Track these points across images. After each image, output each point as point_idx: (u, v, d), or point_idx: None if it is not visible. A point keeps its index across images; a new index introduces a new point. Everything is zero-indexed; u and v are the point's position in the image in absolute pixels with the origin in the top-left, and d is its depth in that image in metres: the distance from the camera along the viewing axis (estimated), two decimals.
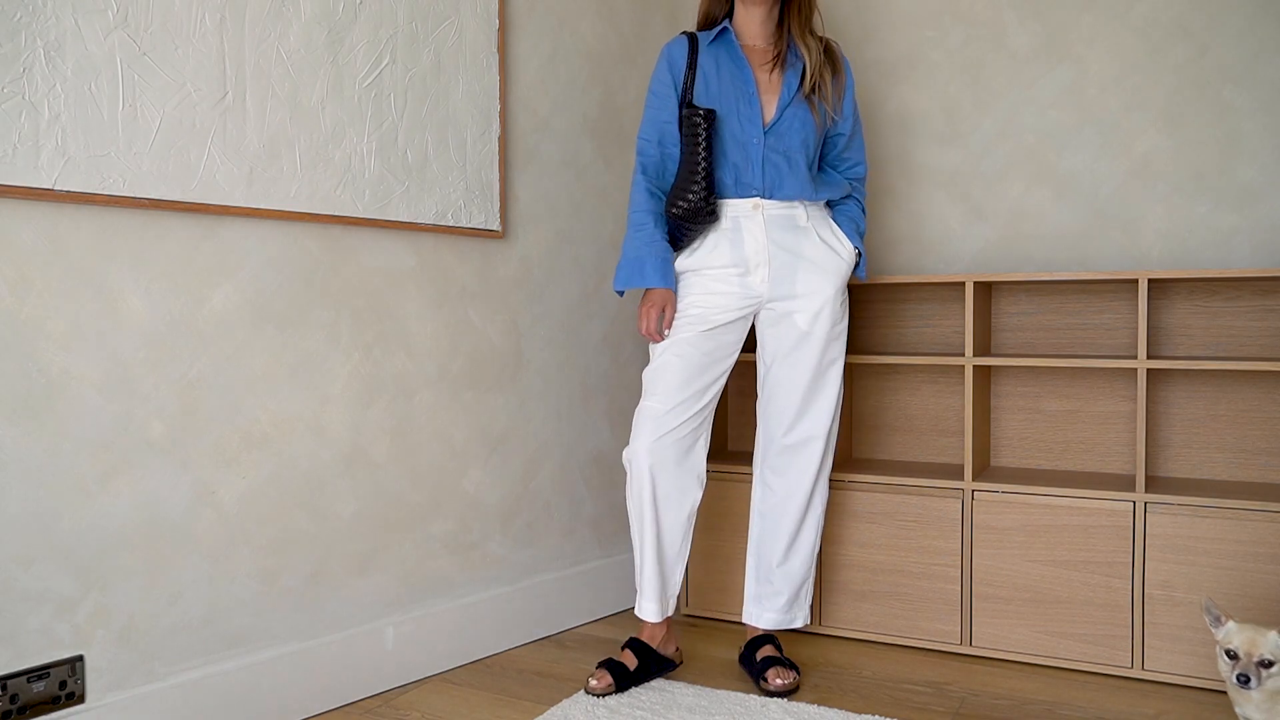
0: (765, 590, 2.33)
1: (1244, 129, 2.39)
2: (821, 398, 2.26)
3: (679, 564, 2.25)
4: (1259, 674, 1.68)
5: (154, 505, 1.78)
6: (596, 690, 2.13)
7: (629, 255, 2.19)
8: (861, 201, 2.36)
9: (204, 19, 1.81)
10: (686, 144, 2.16)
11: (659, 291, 2.18)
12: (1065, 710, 2.08)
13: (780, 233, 2.20)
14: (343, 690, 2.09)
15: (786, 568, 2.31)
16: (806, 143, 2.21)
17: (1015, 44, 2.65)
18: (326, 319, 2.06)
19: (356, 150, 2.08)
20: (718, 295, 2.18)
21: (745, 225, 2.19)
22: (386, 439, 2.18)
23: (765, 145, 2.18)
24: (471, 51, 2.32)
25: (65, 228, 1.65)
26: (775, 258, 2.19)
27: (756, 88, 2.20)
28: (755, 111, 2.18)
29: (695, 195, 2.13)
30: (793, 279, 2.20)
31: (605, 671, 2.15)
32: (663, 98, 2.22)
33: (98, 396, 1.70)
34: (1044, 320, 2.61)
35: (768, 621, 2.32)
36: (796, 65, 2.23)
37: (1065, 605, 2.30)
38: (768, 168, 2.18)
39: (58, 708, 1.66)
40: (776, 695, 2.14)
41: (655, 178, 2.22)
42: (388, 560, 2.19)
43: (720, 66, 2.21)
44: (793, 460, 2.28)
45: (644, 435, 2.16)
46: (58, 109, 1.62)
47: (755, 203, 2.18)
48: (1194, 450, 2.44)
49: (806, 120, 2.21)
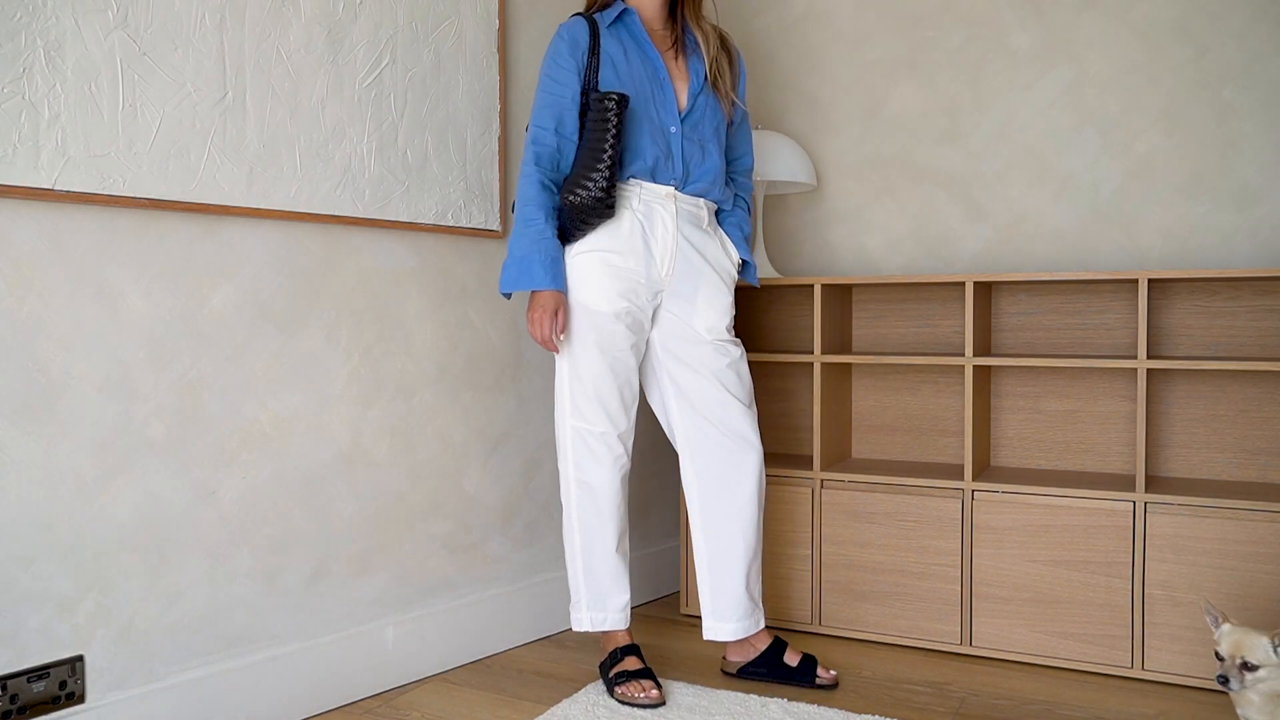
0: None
1: (1244, 129, 2.39)
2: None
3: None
4: (1240, 677, 1.68)
5: (154, 505, 1.78)
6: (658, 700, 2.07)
7: (515, 254, 2.03)
8: (748, 200, 2.32)
9: (204, 19, 1.81)
10: (593, 130, 2.02)
11: (549, 294, 2.04)
12: (1065, 710, 2.08)
13: (688, 228, 2.14)
14: (343, 690, 2.09)
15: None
16: (718, 131, 2.17)
17: (1015, 44, 2.65)
18: (326, 319, 2.06)
19: (356, 150, 2.08)
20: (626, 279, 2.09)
21: (657, 213, 2.10)
22: (386, 439, 2.18)
23: (682, 134, 2.12)
24: (471, 51, 2.32)
25: (65, 228, 1.65)
26: (681, 253, 2.13)
27: (668, 74, 2.12)
28: (670, 99, 2.11)
29: (595, 185, 1.99)
30: (695, 285, 2.15)
31: (650, 681, 2.10)
32: (563, 82, 2.06)
33: (98, 396, 1.70)
34: (1044, 320, 2.61)
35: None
36: (696, 52, 2.17)
37: (1065, 605, 2.30)
38: (686, 157, 2.12)
39: (58, 708, 1.66)
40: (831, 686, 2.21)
41: (549, 169, 2.06)
42: (388, 560, 2.19)
43: (627, 51, 2.11)
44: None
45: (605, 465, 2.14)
46: (58, 109, 1.62)
47: (669, 192, 2.11)
48: (1194, 450, 2.44)
49: (716, 108, 2.17)
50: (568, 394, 2.14)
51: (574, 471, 2.16)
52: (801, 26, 2.95)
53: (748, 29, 3.02)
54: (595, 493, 2.16)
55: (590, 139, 2.02)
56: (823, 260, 2.93)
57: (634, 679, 2.10)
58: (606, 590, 2.20)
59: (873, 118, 2.84)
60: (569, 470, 2.17)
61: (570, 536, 2.20)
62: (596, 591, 2.20)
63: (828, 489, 2.56)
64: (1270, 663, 1.67)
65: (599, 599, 2.20)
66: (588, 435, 2.14)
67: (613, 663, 2.16)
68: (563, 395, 2.15)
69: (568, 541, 2.21)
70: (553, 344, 2.07)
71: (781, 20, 2.97)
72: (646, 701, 2.06)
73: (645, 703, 2.06)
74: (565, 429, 2.15)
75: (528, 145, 2.07)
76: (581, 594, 2.21)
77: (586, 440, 2.14)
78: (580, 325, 2.09)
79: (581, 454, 2.15)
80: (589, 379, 2.11)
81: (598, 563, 2.18)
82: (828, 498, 2.56)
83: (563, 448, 2.17)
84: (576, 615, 2.22)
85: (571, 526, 2.19)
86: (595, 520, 2.17)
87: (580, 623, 2.21)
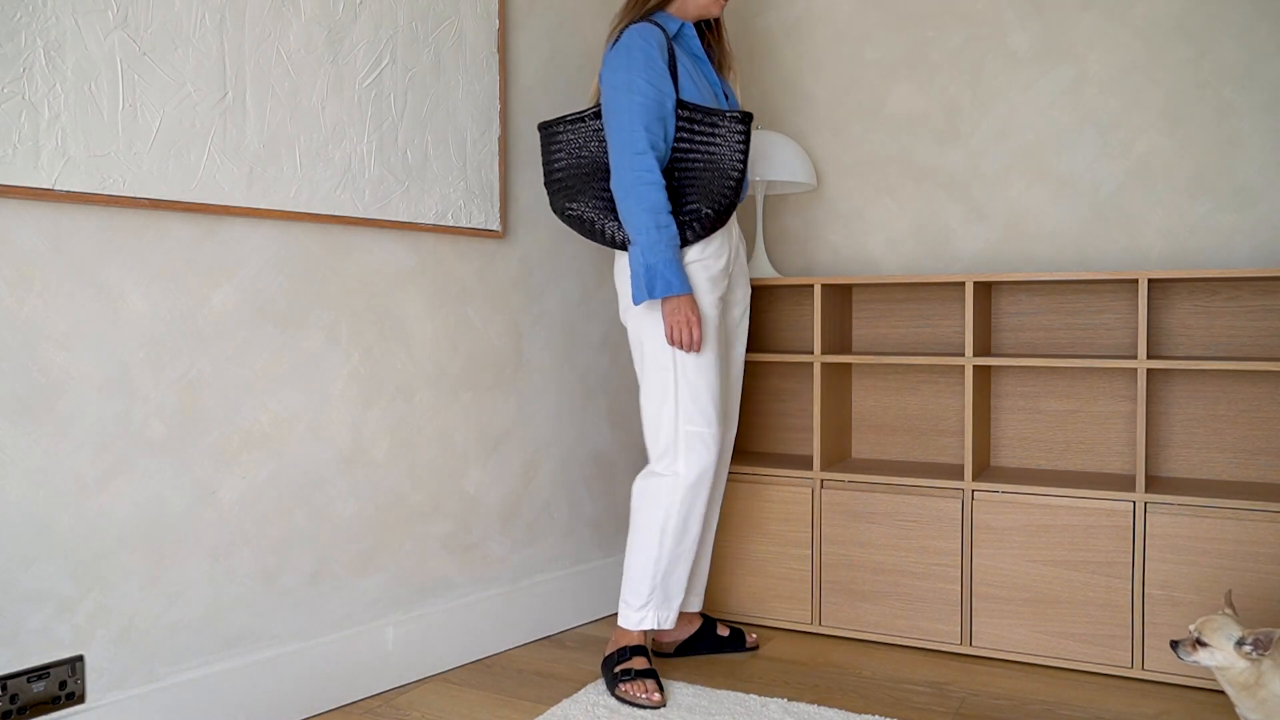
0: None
1: (1244, 129, 2.39)
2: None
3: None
4: (1190, 650, 1.76)
5: (154, 505, 1.78)
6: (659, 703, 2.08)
7: (651, 261, 2.02)
8: None
9: (204, 19, 1.81)
10: (723, 143, 2.09)
11: (687, 298, 2.07)
12: (1065, 710, 2.08)
13: (735, 229, 2.29)
14: (343, 690, 2.09)
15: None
16: None
17: (1015, 44, 2.65)
18: (326, 319, 2.06)
19: (356, 150, 2.08)
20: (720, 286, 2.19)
21: (732, 226, 2.27)
22: (386, 439, 2.18)
23: None
24: (471, 51, 2.32)
25: (65, 228, 1.65)
26: (738, 258, 2.31)
27: (722, 91, 2.24)
28: None
29: (727, 199, 2.11)
30: (735, 280, 2.32)
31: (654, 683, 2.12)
32: (662, 89, 2.06)
33: (98, 396, 1.70)
34: (1044, 320, 2.61)
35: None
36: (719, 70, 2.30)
37: (1065, 605, 2.30)
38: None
39: (58, 708, 1.66)
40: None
41: (661, 173, 2.07)
42: (388, 560, 2.19)
43: (694, 65, 2.18)
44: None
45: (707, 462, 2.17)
46: (58, 109, 1.62)
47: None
48: (1194, 450, 2.44)
49: None
50: (681, 398, 2.13)
51: (686, 474, 2.15)
52: (801, 26, 2.94)
53: (748, 29, 3.02)
54: (703, 495, 2.17)
55: (721, 152, 2.10)
56: (823, 260, 2.93)
57: (639, 679, 2.11)
58: (676, 591, 2.22)
59: (872, 118, 2.84)
60: (680, 472, 2.15)
61: (660, 539, 2.17)
62: (668, 592, 2.21)
63: (828, 489, 2.56)
64: (1224, 649, 1.72)
65: (669, 599, 2.21)
66: (701, 438, 2.14)
67: (619, 660, 2.16)
68: (671, 400, 2.14)
69: (651, 544, 2.18)
70: (699, 344, 2.09)
71: (781, 20, 2.97)
72: (648, 703, 2.06)
73: (646, 704, 2.06)
74: (676, 434, 2.14)
75: (638, 151, 2.03)
76: (654, 594, 2.20)
77: (702, 442, 2.15)
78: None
79: (695, 456, 2.15)
80: (704, 384, 2.13)
81: (681, 565, 2.20)
82: (828, 498, 2.56)
83: (672, 452, 2.15)
84: (640, 615, 2.20)
85: (666, 529, 2.16)
86: (697, 523, 2.19)
87: (643, 622, 2.21)
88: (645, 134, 2.03)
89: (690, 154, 2.10)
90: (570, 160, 2.20)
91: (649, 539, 2.17)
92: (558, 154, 2.23)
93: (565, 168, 2.21)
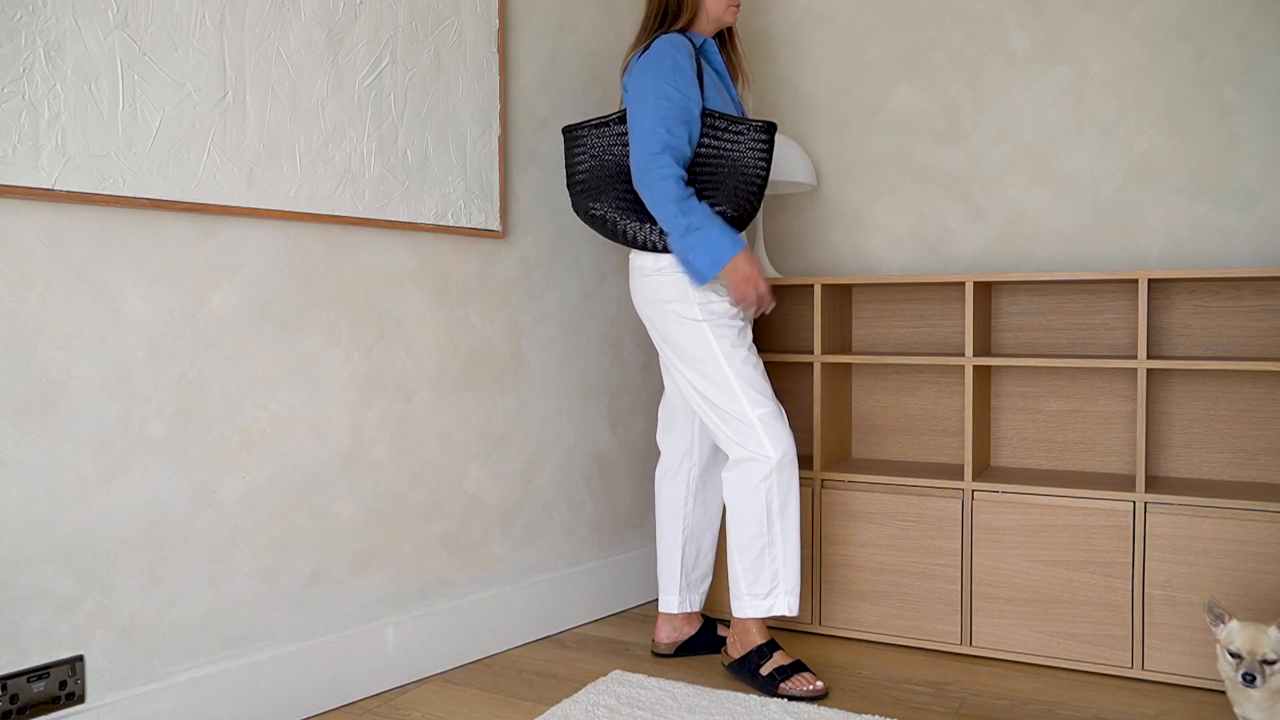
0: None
1: (1244, 129, 2.40)
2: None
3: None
4: (1263, 672, 1.69)
5: (154, 505, 1.78)
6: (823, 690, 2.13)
7: (694, 237, 2.04)
8: None
9: (204, 19, 1.81)
10: (747, 150, 2.14)
11: (744, 255, 2.08)
12: (1065, 710, 2.08)
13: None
14: (343, 690, 2.09)
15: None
16: None
17: (1015, 44, 2.65)
18: (326, 319, 2.06)
19: (356, 150, 2.08)
20: None
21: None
22: (386, 439, 2.18)
23: None
24: (471, 51, 2.32)
25: (65, 228, 1.65)
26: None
27: (737, 105, 2.27)
28: None
29: (751, 204, 2.18)
30: None
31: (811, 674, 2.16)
32: (690, 95, 2.10)
33: (98, 396, 1.70)
34: (1044, 320, 2.61)
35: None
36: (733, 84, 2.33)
37: (1065, 605, 2.30)
38: None
39: (58, 708, 1.66)
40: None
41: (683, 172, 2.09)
42: (388, 560, 2.19)
43: (716, 76, 2.24)
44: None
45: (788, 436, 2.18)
46: (58, 109, 1.62)
47: None
48: (1194, 450, 2.44)
49: None
50: (745, 386, 2.15)
51: (776, 455, 2.15)
52: (801, 26, 2.95)
53: (748, 29, 3.02)
54: (795, 474, 2.19)
55: (745, 158, 2.14)
56: (823, 260, 2.93)
57: (797, 672, 2.16)
58: (796, 574, 2.20)
59: (872, 118, 2.84)
60: (771, 455, 2.14)
61: (767, 521, 2.17)
62: (790, 577, 2.19)
63: (828, 489, 2.56)
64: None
65: (794, 585, 2.19)
66: (775, 416, 2.17)
67: (760, 661, 2.19)
68: (735, 391, 2.15)
69: (759, 528, 2.17)
70: (768, 296, 2.13)
71: (781, 20, 2.97)
72: (815, 693, 2.12)
73: (812, 694, 2.12)
74: (752, 420, 2.15)
75: (658, 150, 2.05)
76: (777, 579, 2.18)
77: (778, 420, 2.17)
78: (722, 329, 2.16)
79: (776, 435, 2.15)
80: (751, 368, 2.17)
81: (793, 545, 2.19)
82: (828, 498, 2.56)
83: (757, 441, 2.15)
84: (768, 602, 2.19)
85: (770, 510, 2.16)
86: (795, 502, 2.19)
87: (773, 608, 2.19)
88: (666, 135, 2.06)
89: (714, 159, 2.14)
90: (593, 163, 2.24)
91: (754, 524, 2.17)
92: (580, 157, 2.27)
93: (588, 170, 2.25)
